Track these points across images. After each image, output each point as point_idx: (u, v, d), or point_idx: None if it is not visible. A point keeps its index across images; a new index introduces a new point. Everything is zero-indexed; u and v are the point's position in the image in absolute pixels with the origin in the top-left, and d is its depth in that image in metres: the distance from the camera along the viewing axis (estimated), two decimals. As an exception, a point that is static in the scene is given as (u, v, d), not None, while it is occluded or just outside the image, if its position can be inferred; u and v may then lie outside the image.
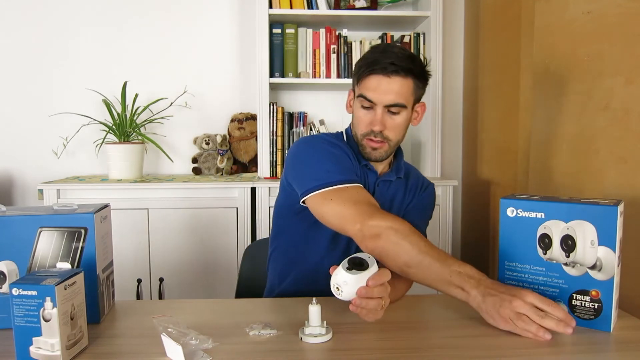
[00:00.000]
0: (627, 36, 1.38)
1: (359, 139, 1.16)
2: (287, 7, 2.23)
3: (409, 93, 1.11)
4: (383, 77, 1.08)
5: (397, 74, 1.08)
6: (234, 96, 2.55)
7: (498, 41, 2.25)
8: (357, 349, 0.83)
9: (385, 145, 1.14)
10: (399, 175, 1.23)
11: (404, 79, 1.09)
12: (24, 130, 2.48)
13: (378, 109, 1.10)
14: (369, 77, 1.10)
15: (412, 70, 1.09)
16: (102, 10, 2.47)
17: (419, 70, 1.11)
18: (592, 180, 1.53)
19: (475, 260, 2.54)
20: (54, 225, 0.91)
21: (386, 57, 1.08)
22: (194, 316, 0.99)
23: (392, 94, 1.09)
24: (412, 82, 1.10)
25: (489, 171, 2.37)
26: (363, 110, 1.13)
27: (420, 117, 1.21)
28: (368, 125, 1.13)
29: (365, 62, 1.11)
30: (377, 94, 1.09)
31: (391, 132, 1.13)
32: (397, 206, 1.24)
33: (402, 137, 1.18)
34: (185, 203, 2.10)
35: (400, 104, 1.10)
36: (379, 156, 1.15)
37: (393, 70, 1.07)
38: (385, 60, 1.07)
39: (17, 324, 0.75)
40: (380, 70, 1.08)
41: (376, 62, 1.08)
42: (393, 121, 1.12)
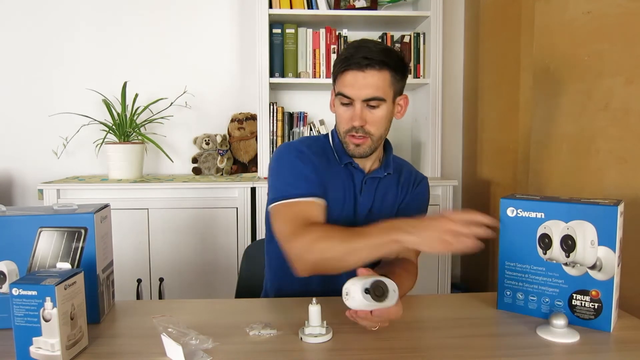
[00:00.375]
0: (627, 36, 1.38)
1: (342, 136, 1.17)
2: (287, 7, 2.23)
3: (386, 86, 1.10)
4: (358, 72, 1.08)
5: (371, 68, 1.08)
6: (234, 96, 2.55)
7: (498, 41, 2.25)
8: (357, 349, 0.83)
9: (368, 141, 1.14)
10: (388, 171, 1.23)
11: (380, 72, 1.08)
12: (24, 130, 2.48)
13: (357, 104, 1.11)
14: (344, 73, 1.10)
15: (387, 63, 1.09)
16: (102, 10, 2.47)
17: (394, 62, 1.10)
18: (592, 180, 1.53)
19: (475, 260, 2.54)
20: (54, 225, 0.91)
21: (360, 52, 1.08)
22: (194, 316, 0.99)
23: (369, 88, 1.09)
24: (388, 74, 1.10)
25: (489, 171, 2.37)
26: (343, 107, 1.14)
27: (404, 110, 1.21)
28: (348, 121, 1.13)
29: (340, 60, 1.12)
30: (354, 89, 1.09)
31: (372, 126, 1.13)
32: (389, 203, 1.24)
33: (385, 131, 1.18)
34: (185, 203, 2.10)
35: (378, 97, 1.10)
36: (362, 152, 1.15)
37: (367, 64, 1.07)
38: (358, 55, 1.08)
39: (17, 324, 0.75)
40: (355, 66, 1.08)
41: (350, 58, 1.08)
42: (373, 115, 1.12)
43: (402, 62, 1.13)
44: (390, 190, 1.24)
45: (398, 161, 1.30)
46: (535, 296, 0.96)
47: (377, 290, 0.81)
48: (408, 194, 1.26)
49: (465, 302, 1.08)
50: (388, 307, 0.83)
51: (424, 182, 1.29)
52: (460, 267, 2.71)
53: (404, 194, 1.25)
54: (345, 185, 1.19)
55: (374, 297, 0.81)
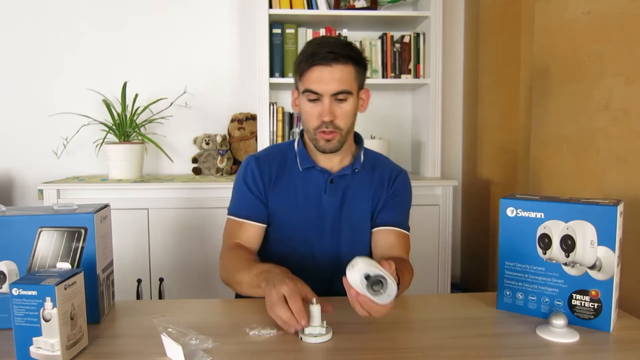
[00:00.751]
0: (627, 36, 1.38)
1: (311, 133, 1.17)
2: (287, 7, 2.23)
3: (351, 79, 1.13)
4: (325, 66, 1.09)
5: (337, 62, 1.09)
6: (234, 96, 2.55)
7: (498, 41, 2.25)
8: (357, 349, 0.83)
9: (337, 135, 1.15)
10: (356, 168, 1.23)
11: (345, 65, 1.10)
12: (24, 130, 2.48)
13: (325, 99, 1.12)
14: (310, 69, 1.11)
15: (351, 57, 1.11)
16: (102, 10, 2.47)
17: (357, 56, 1.14)
18: (592, 180, 1.53)
19: (475, 260, 2.54)
20: (54, 225, 0.91)
21: (324, 47, 1.10)
22: (194, 316, 0.99)
23: (336, 82, 1.10)
24: (353, 68, 1.12)
25: (489, 171, 2.37)
26: (310, 103, 1.14)
27: (366, 103, 1.23)
28: (318, 117, 1.14)
29: (304, 57, 1.12)
30: (322, 84, 1.10)
31: (341, 120, 1.14)
32: (363, 200, 1.23)
33: (352, 125, 1.20)
34: (185, 203, 2.10)
35: (346, 90, 1.11)
36: (333, 147, 1.16)
37: (333, 58, 1.09)
38: (324, 50, 1.09)
39: (17, 324, 0.75)
40: (321, 60, 1.09)
41: (315, 54, 1.10)
42: (342, 109, 1.13)
43: (363, 57, 1.17)
44: (362, 187, 1.24)
45: (372, 156, 1.29)
46: (535, 296, 0.96)
47: (376, 284, 0.81)
48: (385, 191, 1.25)
49: (465, 302, 1.08)
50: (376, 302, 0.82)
51: (402, 176, 1.28)
52: (460, 267, 2.72)
53: (382, 191, 1.25)
54: (305, 189, 1.21)
55: (368, 286, 0.81)
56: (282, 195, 1.22)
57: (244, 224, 1.20)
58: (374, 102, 2.59)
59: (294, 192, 1.22)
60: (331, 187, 1.21)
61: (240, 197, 1.23)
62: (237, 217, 1.21)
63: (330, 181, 1.21)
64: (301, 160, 1.22)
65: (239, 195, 1.24)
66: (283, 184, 1.22)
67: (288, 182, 1.22)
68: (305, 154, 1.22)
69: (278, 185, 1.22)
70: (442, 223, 2.21)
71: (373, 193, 1.24)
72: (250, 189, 1.22)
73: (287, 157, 1.25)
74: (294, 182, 1.22)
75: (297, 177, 1.22)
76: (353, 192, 1.23)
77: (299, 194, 1.21)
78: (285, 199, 1.22)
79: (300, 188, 1.22)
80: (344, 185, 1.22)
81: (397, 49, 2.34)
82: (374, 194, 1.24)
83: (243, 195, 1.22)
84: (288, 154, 1.25)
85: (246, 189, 1.22)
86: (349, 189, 1.23)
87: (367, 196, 1.24)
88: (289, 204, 1.21)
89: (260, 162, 1.23)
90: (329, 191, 1.21)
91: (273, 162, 1.24)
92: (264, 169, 1.23)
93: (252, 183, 1.22)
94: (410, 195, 1.30)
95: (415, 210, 2.19)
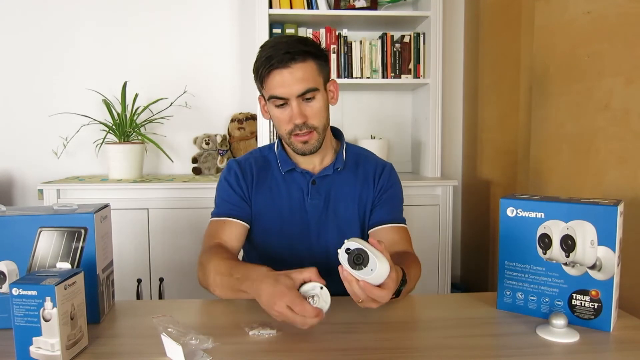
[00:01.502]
0: (627, 36, 1.38)
1: (285, 139, 1.15)
2: (287, 7, 2.24)
3: (315, 75, 1.09)
4: (283, 69, 1.06)
5: (295, 61, 1.06)
6: (234, 96, 2.55)
7: (498, 41, 2.25)
8: (357, 348, 0.83)
9: (314, 134, 1.12)
10: (337, 167, 1.21)
11: (304, 62, 1.07)
12: (24, 130, 2.48)
13: (292, 102, 1.09)
14: (270, 75, 1.08)
15: (308, 52, 1.08)
16: (102, 10, 2.47)
17: (315, 49, 1.10)
18: (592, 180, 1.53)
19: (475, 260, 2.55)
20: (54, 225, 0.91)
21: (278, 49, 1.06)
22: (194, 316, 0.99)
23: (299, 82, 1.07)
24: (313, 63, 1.09)
25: (489, 171, 2.38)
26: (278, 109, 1.11)
27: (336, 95, 1.20)
28: (288, 122, 1.11)
29: (261, 62, 1.09)
30: (284, 87, 1.07)
31: (314, 119, 1.11)
32: (348, 198, 1.21)
33: (327, 120, 1.17)
34: (185, 203, 2.10)
35: (312, 88, 1.08)
36: (312, 147, 1.14)
37: (290, 58, 1.05)
38: (279, 53, 1.06)
39: (17, 324, 0.75)
40: (278, 64, 1.06)
41: (271, 58, 1.06)
42: (312, 108, 1.10)
43: (321, 48, 1.13)
44: (346, 186, 1.21)
45: (355, 152, 1.27)
46: (535, 296, 0.96)
47: (357, 258, 0.80)
48: (372, 188, 1.22)
49: (465, 302, 1.08)
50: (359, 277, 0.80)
51: (387, 170, 1.25)
52: (460, 267, 2.72)
53: (368, 189, 1.22)
54: (288, 192, 1.20)
55: (349, 260, 0.80)
56: (265, 198, 1.20)
57: (226, 222, 1.17)
58: (374, 102, 2.61)
59: (278, 194, 1.20)
60: (313, 189, 1.19)
61: (223, 199, 1.20)
62: (219, 217, 1.19)
63: (312, 183, 1.19)
64: (281, 163, 1.21)
65: (222, 197, 1.21)
66: (266, 187, 1.21)
67: (271, 185, 1.21)
68: (285, 157, 1.21)
69: (261, 188, 1.21)
70: (442, 223, 2.21)
71: (359, 192, 1.21)
72: (233, 189, 1.20)
73: (269, 160, 1.24)
74: (276, 185, 1.21)
75: (279, 180, 1.21)
76: (337, 192, 1.20)
77: (282, 197, 1.20)
78: (269, 201, 1.20)
79: (284, 191, 1.20)
80: (327, 186, 1.20)
81: (397, 49, 2.34)
82: (360, 193, 1.21)
83: (226, 196, 1.20)
84: (269, 158, 1.24)
85: (229, 189, 1.20)
86: (333, 189, 1.20)
87: (352, 195, 1.21)
88: (272, 207, 1.19)
89: (242, 165, 1.23)
90: (312, 193, 1.19)
91: (255, 165, 1.23)
92: (246, 170, 1.22)
93: (235, 183, 1.20)
94: (399, 187, 1.26)
95: (415, 210, 2.21)
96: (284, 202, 1.20)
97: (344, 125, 2.60)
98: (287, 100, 1.09)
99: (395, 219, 1.21)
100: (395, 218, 1.21)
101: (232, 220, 1.18)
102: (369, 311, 1.02)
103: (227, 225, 1.17)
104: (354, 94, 2.60)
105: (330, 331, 0.90)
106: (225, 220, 1.18)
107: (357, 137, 2.58)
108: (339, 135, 1.28)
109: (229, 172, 1.23)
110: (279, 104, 1.10)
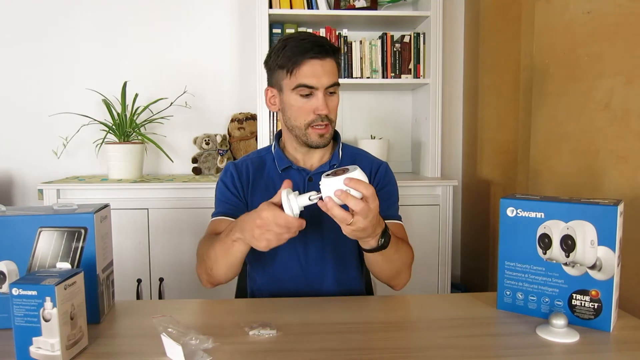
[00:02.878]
0: (627, 36, 1.38)
1: (301, 130, 1.16)
2: (287, 7, 2.23)
3: (337, 72, 1.17)
4: (318, 60, 1.11)
5: (328, 56, 1.13)
6: (234, 96, 2.55)
7: (498, 41, 2.25)
8: (357, 348, 0.83)
9: (330, 129, 1.17)
10: (334, 163, 1.23)
11: (333, 59, 1.14)
12: (24, 130, 2.48)
13: (319, 93, 1.12)
14: (304, 63, 1.11)
15: (336, 50, 1.16)
16: (102, 10, 2.47)
17: (338, 51, 1.18)
18: (592, 180, 1.53)
19: (475, 260, 2.55)
20: (54, 225, 0.91)
21: (313, 42, 1.12)
22: (194, 316, 0.99)
23: (329, 75, 1.13)
24: (335, 62, 1.16)
25: (489, 171, 2.38)
26: (303, 99, 1.14)
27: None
28: (310, 112, 1.14)
29: (295, 52, 1.12)
30: (316, 78, 1.11)
31: (333, 113, 1.16)
32: None
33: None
34: (185, 203, 2.10)
35: (337, 83, 1.15)
36: (326, 141, 1.17)
37: (325, 51, 1.12)
38: (315, 45, 1.11)
39: (17, 324, 0.75)
40: (315, 54, 1.11)
41: (308, 49, 1.11)
42: (333, 102, 1.16)
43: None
44: None
45: (351, 151, 1.29)
46: (535, 296, 0.96)
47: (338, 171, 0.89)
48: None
49: (465, 302, 1.08)
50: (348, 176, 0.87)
51: (383, 168, 1.28)
52: (460, 267, 2.72)
53: None
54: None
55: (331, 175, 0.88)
56: (262, 196, 1.21)
57: (222, 220, 1.20)
58: (374, 102, 2.61)
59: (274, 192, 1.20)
60: (310, 185, 1.21)
61: (220, 200, 1.24)
62: (216, 216, 1.22)
63: (309, 179, 1.21)
64: (278, 161, 1.23)
65: (219, 198, 1.25)
66: (262, 185, 1.23)
67: (267, 183, 1.23)
68: (282, 155, 1.23)
69: (257, 187, 1.23)
70: (442, 223, 2.21)
71: None
72: (229, 189, 1.23)
73: (265, 160, 1.26)
74: (273, 183, 1.22)
75: (276, 178, 1.23)
76: None
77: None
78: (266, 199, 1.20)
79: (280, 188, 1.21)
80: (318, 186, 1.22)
81: (397, 49, 2.34)
82: None
83: (223, 197, 1.23)
84: (266, 158, 1.27)
85: (226, 190, 1.23)
86: None
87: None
88: None
89: (239, 166, 1.26)
90: (308, 190, 1.20)
91: (251, 165, 1.26)
92: (242, 171, 1.25)
93: (230, 184, 1.23)
94: (395, 185, 1.29)
95: (415, 210, 2.21)
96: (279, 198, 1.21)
97: (343, 125, 2.60)
98: (314, 91, 1.12)
99: (391, 216, 1.23)
100: (391, 215, 1.23)
101: (228, 219, 1.20)
102: (369, 311, 1.02)
103: (224, 223, 1.19)
104: (354, 94, 2.60)
105: (330, 331, 0.90)
106: (221, 219, 1.20)
107: (357, 137, 2.58)
108: (337, 137, 1.30)
109: (225, 174, 1.26)
110: (306, 93, 1.13)
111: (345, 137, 2.60)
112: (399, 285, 1.17)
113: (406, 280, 1.17)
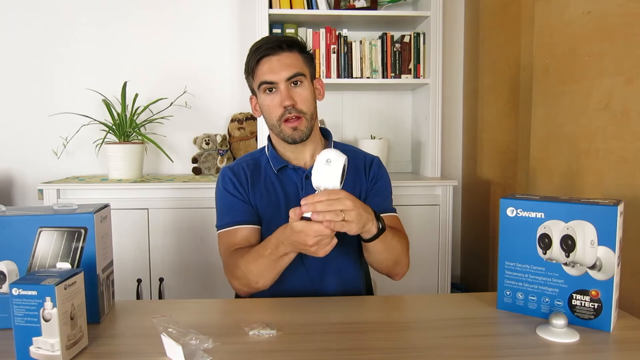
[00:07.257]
0: (627, 36, 1.38)
1: (277, 126, 1.18)
2: (287, 7, 2.23)
3: (301, 64, 1.17)
4: (272, 56, 1.15)
5: (283, 50, 1.15)
6: (234, 96, 2.55)
7: (498, 41, 2.25)
8: (357, 348, 0.83)
9: (303, 120, 1.17)
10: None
11: (291, 52, 1.16)
12: (24, 130, 2.48)
13: (281, 85, 1.15)
14: (260, 63, 1.16)
15: (295, 43, 1.17)
16: (102, 10, 2.47)
17: (300, 45, 1.19)
18: (592, 180, 1.53)
19: (475, 260, 2.55)
20: (54, 225, 0.91)
21: (266, 41, 1.17)
22: (194, 316, 0.99)
23: (287, 67, 1.14)
24: (299, 55, 1.17)
25: (489, 171, 2.38)
26: (268, 96, 1.17)
27: (323, 92, 1.27)
28: (278, 106, 1.16)
29: (250, 55, 1.18)
30: (273, 73, 1.14)
31: (302, 104, 1.17)
32: None
33: (315, 111, 1.22)
34: (185, 203, 2.10)
35: (298, 72, 1.15)
36: (301, 134, 1.17)
37: (278, 46, 1.15)
38: (268, 44, 1.16)
39: (17, 324, 0.75)
40: (267, 51, 1.15)
41: (261, 47, 1.16)
42: (299, 94, 1.17)
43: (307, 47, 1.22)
44: None
45: (343, 148, 1.30)
46: (535, 296, 0.96)
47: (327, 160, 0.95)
48: (364, 179, 1.27)
49: (465, 302, 1.08)
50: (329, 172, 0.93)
51: (376, 162, 1.31)
52: (460, 267, 2.72)
53: (361, 180, 1.26)
54: (283, 189, 1.22)
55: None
56: (261, 197, 1.22)
57: (237, 230, 1.19)
58: (374, 102, 2.61)
59: (273, 192, 1.23)
60: (307, 183, 1.21)
61: (226, 207, 1.22)
62: (228, 227, 1.20)
63: (306, 177, 1.22)
64: (273, 162, 1.24)
65: (224, 206, 1.23)
66: (261, 186, 1.23)
67: (265, 184, 1.23)
68: (276, 155, 1.24)
69: (256, 188, 1.23)
70: (442, 223, 2.21)
71: (352, 183, 1.24)
72: (234, 195, 1.22)
73: (260, 162, 1.27)
74: (271, 183, 1.23)
75: (273, 178, 1.23)
76: None
77: (278, 194, 1.22)
78: (265, 199, 1.22)
79: (278, 188, 1.23)
80: None
81: (397, 49, 2.34)
82: (353, 184, 1.25)
83: (228, 204, 1.22)
84: (260, 159, 1.27)
85: (230, 196, 1.22)
86: None
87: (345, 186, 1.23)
88: (269, 205, 1.22)
89: (235, 170, 1.26)
90: (306, 188, 1.22)
91: (247, 168, 1.26)
92: (239, 174, 1.25)
93: (233, 189, 1.22)
94: (387, 178, 1.32)
95: (415, 210, 2.21)
96: (280, 198, 1.22)
97: (344, 125, 2.60)
98: (276, 85, 1.15)
99: (386, 209, 1.25)
100: (386, 208, 1.25)
101: (242, 227, 1.20)
102: (369, 311, 1.02)
103: (239, 232, 1.19)
104: (354, 94, 2.60)
105: (330, 331, 0.90)
106: (237, 229, 1.19)
107: (357, 137, 2.58)
108: (328, 136, 1.32)
109: (224, 180, 1.25)
110: (269, 88, 1.16)
111: (345, 137, 2.60)
112: (399, 274, 1.19)
113: (406, 269, 1.19)
